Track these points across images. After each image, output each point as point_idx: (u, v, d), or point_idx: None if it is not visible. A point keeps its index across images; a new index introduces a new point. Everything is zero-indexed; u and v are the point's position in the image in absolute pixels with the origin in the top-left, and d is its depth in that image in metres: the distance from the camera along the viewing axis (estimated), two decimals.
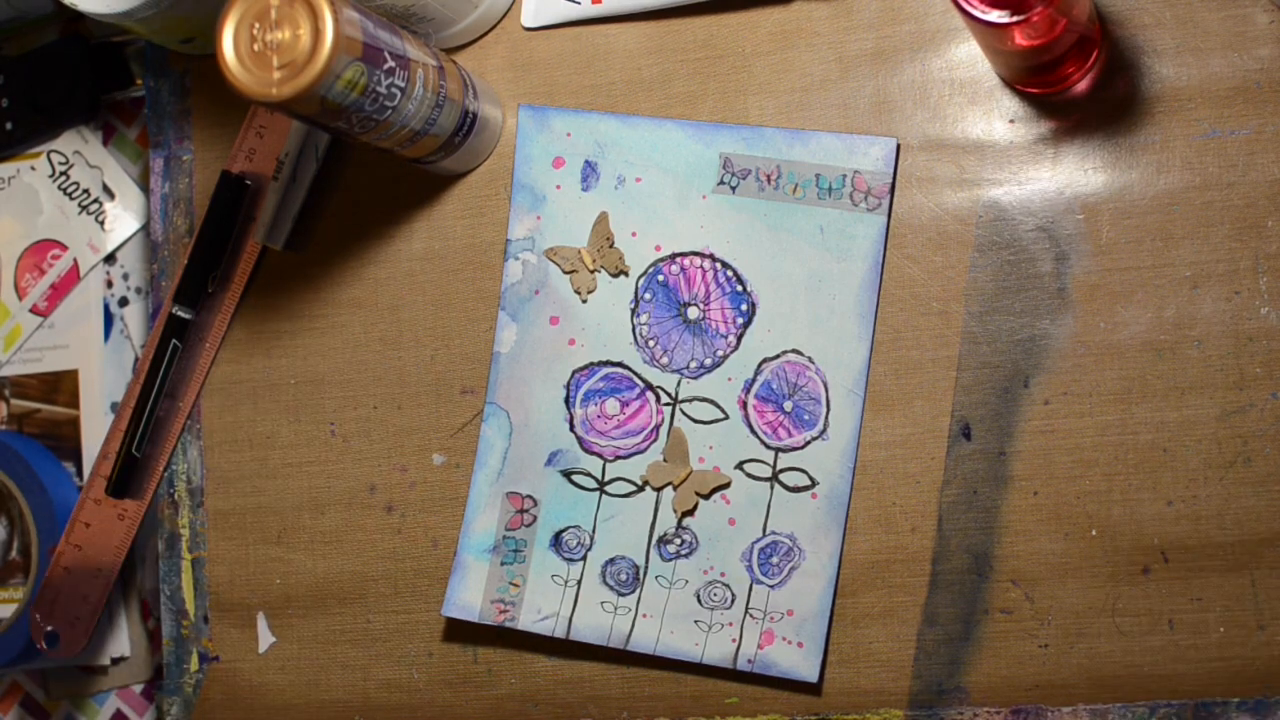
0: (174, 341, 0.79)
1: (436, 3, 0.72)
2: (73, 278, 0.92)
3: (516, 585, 0.73)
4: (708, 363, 0.72)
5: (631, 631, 0.72)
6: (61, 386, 0.92)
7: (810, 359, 0.71)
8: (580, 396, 0.73)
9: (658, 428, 0.72)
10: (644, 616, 0.72)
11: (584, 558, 0.73)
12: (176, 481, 0.80)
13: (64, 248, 0.93)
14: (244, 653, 0.79)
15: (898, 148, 0.70)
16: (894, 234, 0.70)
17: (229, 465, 0.79)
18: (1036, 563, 0.68)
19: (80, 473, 0.91)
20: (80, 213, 0.93)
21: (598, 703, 0.73)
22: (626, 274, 0.73)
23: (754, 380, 0.71)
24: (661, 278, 0.73)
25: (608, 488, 0.73)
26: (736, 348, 0.72)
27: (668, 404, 0.72)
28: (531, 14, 0.76)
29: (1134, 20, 0.68)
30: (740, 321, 0.72)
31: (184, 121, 0.82)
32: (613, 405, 0.73)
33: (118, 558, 0.81)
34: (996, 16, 0.60)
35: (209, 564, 0.79)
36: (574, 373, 0.74)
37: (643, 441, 0.73)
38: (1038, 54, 0.64)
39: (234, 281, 0.80)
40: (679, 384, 0.72)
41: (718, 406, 0.72)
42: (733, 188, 0.72)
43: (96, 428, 0.90)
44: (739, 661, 0.70)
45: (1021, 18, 0.59)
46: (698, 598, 0.71)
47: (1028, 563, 0.68)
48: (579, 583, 0.73)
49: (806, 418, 0.71)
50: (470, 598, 0.74)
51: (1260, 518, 0.66)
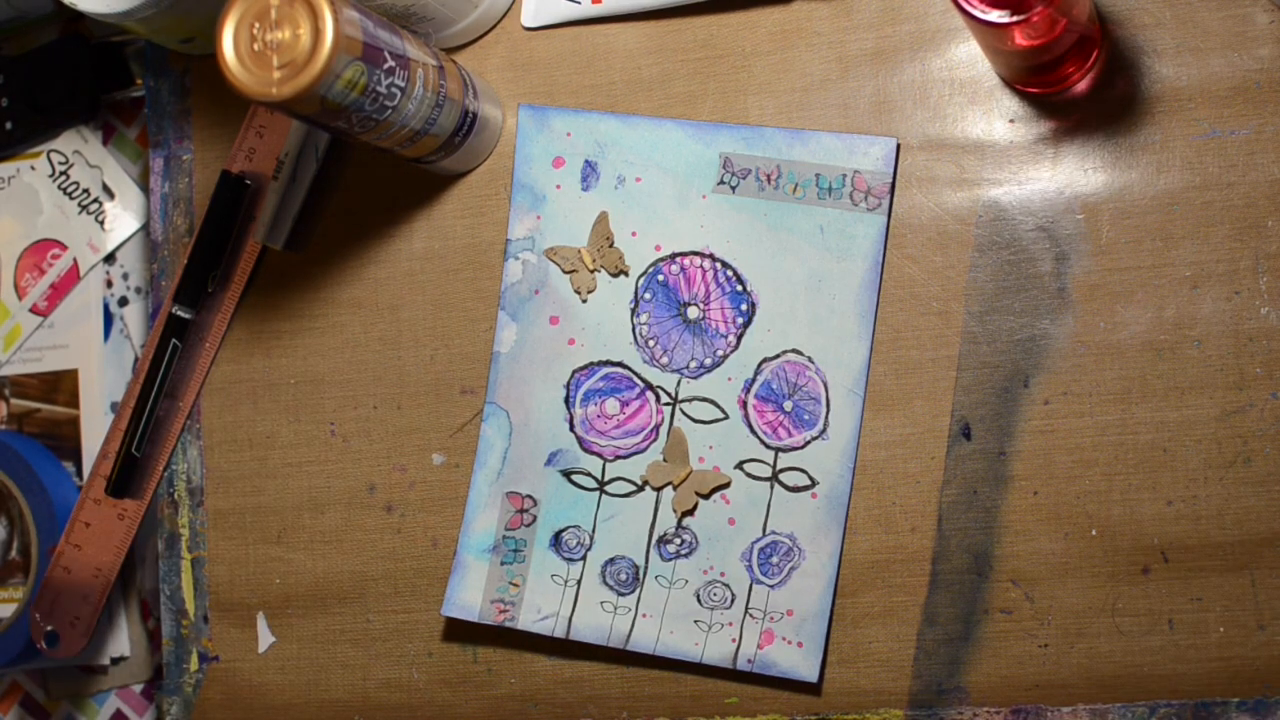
0: (174, 341, 0.79)
1: (436, 3, 0.72)
2: (72, 277, 0.92)
3: (516, 585, 0.73)
4: (708, 362, 0.72)
5: (631, 631, 0.72)
6: (61, 386, 0.92)
7: (810, 359, 0.71)
8: (580, 396, 0.73)
9: (657, 427, 0.72)
10: (644, 616, 0.72)
11: (584, 557, 0.73)
12: (176, 481, 0.80)
13: (64, 247, 0.93)
14: (244, 652, 0.79)
15: (898, 148, 0.70)
16: (894, 234, 0.70)
17: (229, 465, 0.79)
18: (1036, 563, 0.68)
19: (80, 472, 0.91)
20: (80, 212, 0.93)
21: (598, 703, 0.73)
22: (626, 274, 0.73)
23: (754, 380, 0.71)
24: (661, 277, 0.73)
25: (607, 487, 0.73)
26: (736, 347, 0.72)
27: (668, 404, 0.72)
28: (531, 14, 0.76)
29: (1134, 20, 0.68)
30: (740, 321, 0.72)
31: (184, 121, 0.82)
32: (613, 405, 0.73)
33: (118, 557, 0.81)
34: (996, 16, 0.60)
35: (209, 564, 0.79)
36: (574, 372, 0.73)
37: (642, 441, 0.73)
38: (1038, 54, 0.64)
39: (234, 281, 0.80)
40: (679, 384, 0.72)
41: (718, 406, 0.72)
42: (733, 187, 0.72)
43: (96, 427, 0.90)
44: (739, 661, 0.70)
45: (1021, 18, 0.59)
46: (697, 597, 0.71)
47: (1028, 563, 0.68)
48: (579, 582, 0.73)
49: (806, 417, 0.71)
50: (470, 597, 0.74)
51: (1260, 518, 0.66)
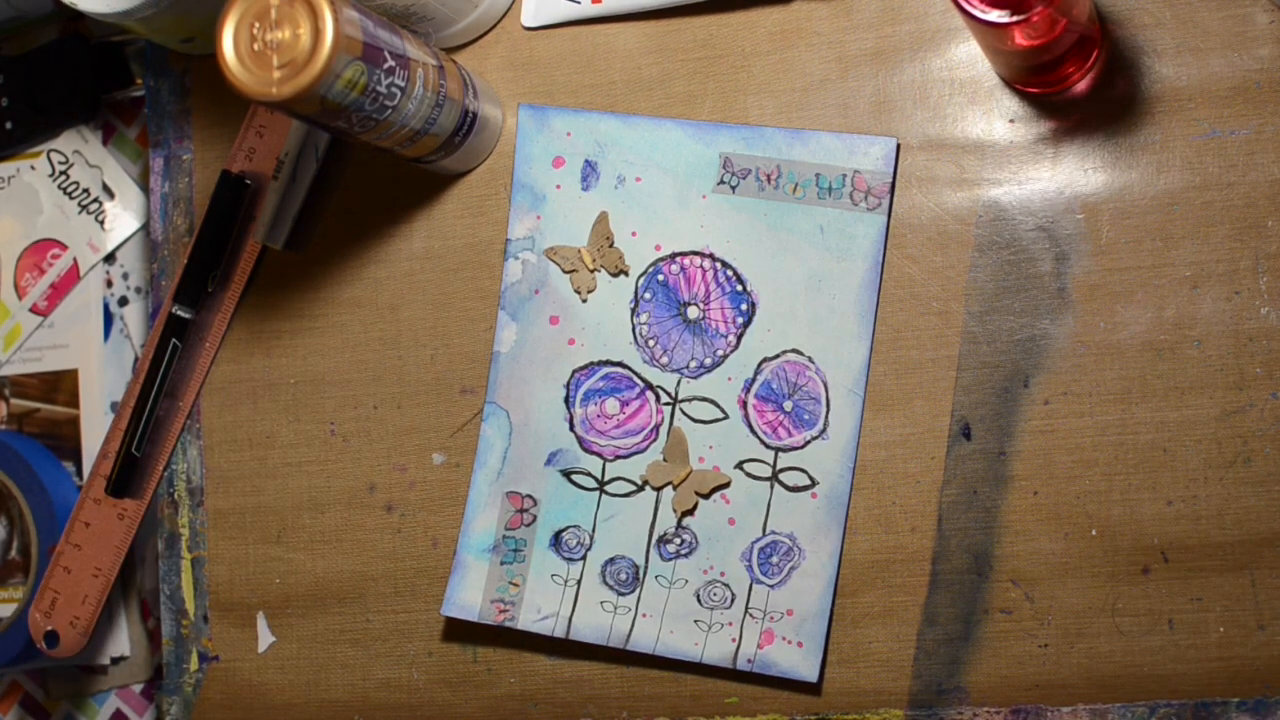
0: (174, 341, 0.79)
1: (436, 2, 0.72)
2: (72, 277, 0.92)
3: (516, 585, 0.73)
4: (708, 362, 0.72)
5: (631, 631, 0.72)
6: (61, 386, 0.92)
7: (810, 359, 0.71)
8: (580, 396, 0.73)
9: (657, 427, 0.72)
10: (644, 616, 0.72)
11: (584, 557, 0.73)
12: (176, 481, 0.80)
13: (64, 247, 0.93)
14: (244, 652, 0.79)
15: (898, 147, 0.70)
16: (894, 234, 0.70)
17: (229, 465, 0.79)
18: (1036, 563, 0.68)
19: (80, 472, 0.91)
20: (80, 212, 0.93)
21: (597, 702, 0.73)
22: (626, 273, 0.73)
23: (754, 380, 0.71)
24: (661, 277, 0.73)
25: (607, 487, 0.73)
26: (736, 347, 0.72)
27: (667, 404, 0.72)
28: (531, 14, 0.76)
29: (1134, 20, 0.68)
30: (740, 321, 0.72)
31: (184, 121, 0.82)
32: (612, 405, 0.73)
33: (118, 557, 0.81)
34: (996, 16, 0.60)
35: (209, 564, 0.79)
36: (574, 372, 0.73)
37: (642, 441, 0.73)
38: (1038, 54, 0.64)
39: (234, 281, 0.80)
40: (679, 384, 0.72)
41: (717, 406, 0.72)
42: (733, 187, 0.72)
43: (96, 427, 0.90)
44: (739, 661, 0.70)
45: (1021, 18, 0.59)
46: (697, 597, 0.71)
47: (1028, 563, 0.68)
48: (579, 582, 0.73)
49: (806, 417, 0.71)
50: (470, 597, 0.74)
51: (1260, 518, 0.66)
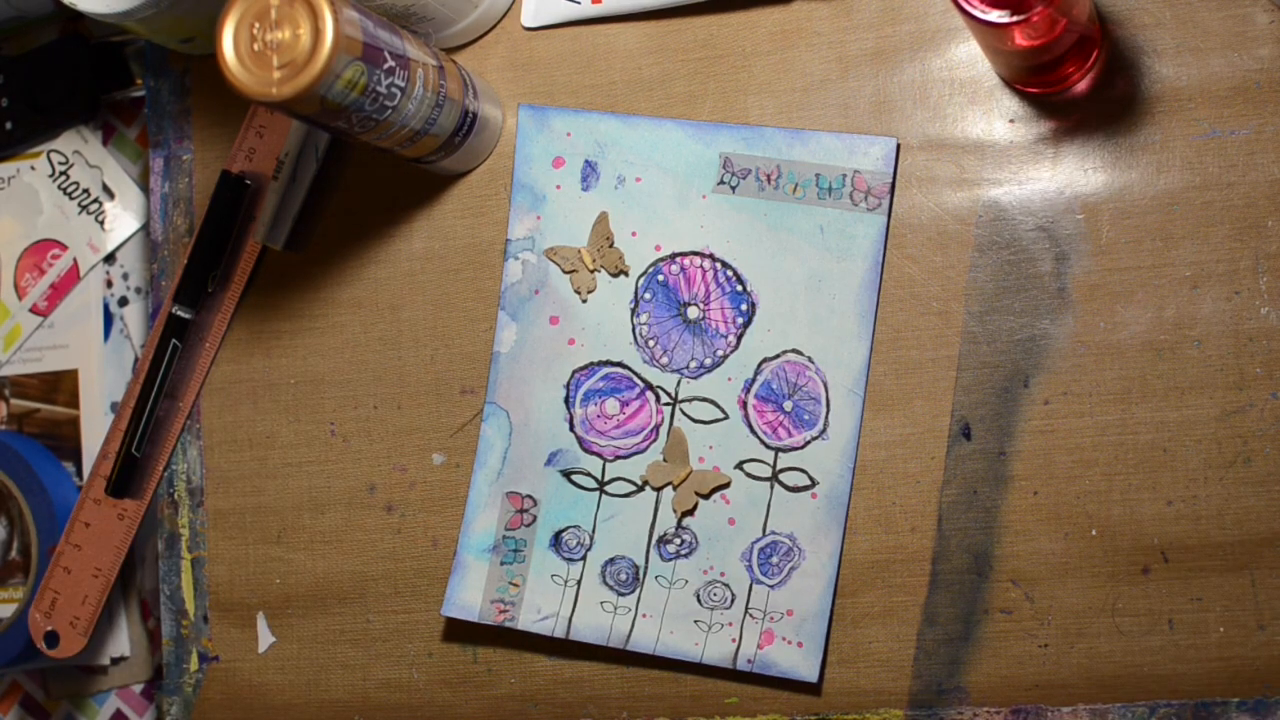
0: (174, 341, 0.79)
1: (436, 3, 0.72)
2: (72, 277, 0.92)
3: (516, 585, 0.73)
4: (708, 362, 0.72)
5: (631, 631, 0.72)
6: (61, 386, 0.92)
7: (810, 359, 0.71)
8: (580, 396, 0.73)
9: (657, 427, 0.72)
10: (644, 616, 0.72)
11: (584, 557, 0.73)
12: (176, 481, 0.80)
13: (64, 247, 0.93)
14: (244, 653, 0.79)
15: (898, 147, 0.70)
16: (894, 234, 0.70)
17: (229, 465, 0.79)
18: (1036, 563, 0.68)
19: (80, 473, 0.91)
20: (80, 212, 0.93)
21: (597, 703, 0.73)
22: (626, 274, 0.73)
23: (754, 380, 0.71)
24: (661, 277, 0.73)
25: (607, 487, 0.73)
26: (736, 347, 0.72)
27: (667, 404, 0.72)
28: (531, 14, 0.76)
29: (1134, 20, 0.68)
30: (740, 321, 0.72)
31: (184, 121, 0.82)
32: (612, 405, 0.73)
33: (118, 557, 0.81)
34: (996, 16, 0.60)
35: (209, 564, 0.79)
36: (574, 372, 0.73)
37: (642, 441, 0.73)
38: (1038, 54, 0.64)
39: (234, 281, 0.80)
40: (679, 384, 0.72)
41: (718, 406, 0.72)
42: (733, 187, 0.72)
43: (96, 427, 0.90)
44: (739, 661, 0.70)
45: (1021, 18, 0.59)
46: (697, 598, 0.71)
47: (1028, 563, 0.68)
48: (579, 582, 0.73)
49: (806, 417, 0.71)
50: (470, 597, 0.74)
51: (1260, 518, 0.66)
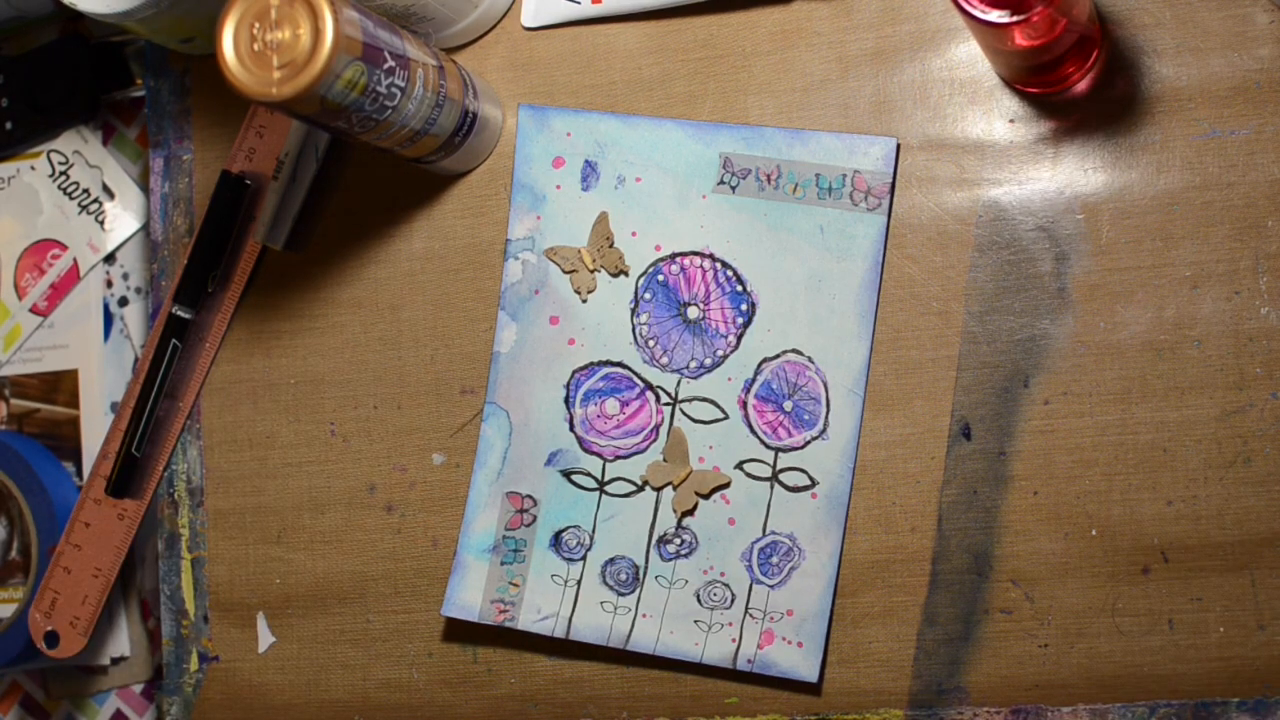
0: (174, 341, 0.79)
1: (436, 3, 0.72)
2: (72, 277, 0.92)
3: (516, 585, 0.73)
4: (708, 362, 0.72)
5: (631, 631, 0.72)
6: (61, 386, 0.92)
7: (810, 359, 0.71)
8: (580, 396, 0.73)
9: (657, 427, 0.72)
10: (644, 616, 0.72)
11: (584, 558, 0.73)
12: (176, 481, 0.80)
13: (64, 247, 0.93)
14: (244, 653, 0.79)
15: (898, 147, 0.70)
16: (894, 234, 0.70)
17: (229, 465, 0.79)
18: (1036, 563, 0.68)
19: (80, 473, 0.91)
20: (80, 212, 0.93)
21: (597, 703, 0.73)
22: (626, 274, 0.73)
23: (754, 380, 0.71)
24: (661, 277, 0.73)
25: (607, 487, 0.73)
26: (736, 347, 0.72)
27: (667, 404, 0.72)
28: (531, 14, 0.76)
29: (1134, 20, 0.68)
30: (740, 321, 0.72)
31: (184, 121, 0.82)
32: (612, 405, 0.73)
33: (118, 557, 0.81)
34: (996, 16, 0.60)
35: (209, 564, 0.79)
36: (574, 372, 0.73)
37: (642, 441, 0.73)
38: (1038, 54, 0.64)
39: (234, 281, 0.80)
40: (679, 384, 0.72)
41: (718, 406, 0.72)
42: (733, 187, 0.72)
43: (96, 428, 0.90)
44: (739, 661, 0.70)
45: (1021, 18, 0.59)
46: (697, 598, 0.71)
47: (1028, 563, 0.68)
48: (579, 583, 0.73)
49: (806, 417, 0.71)
50: (470, 597, 0.74)
51: (1260, 518, 0.66)
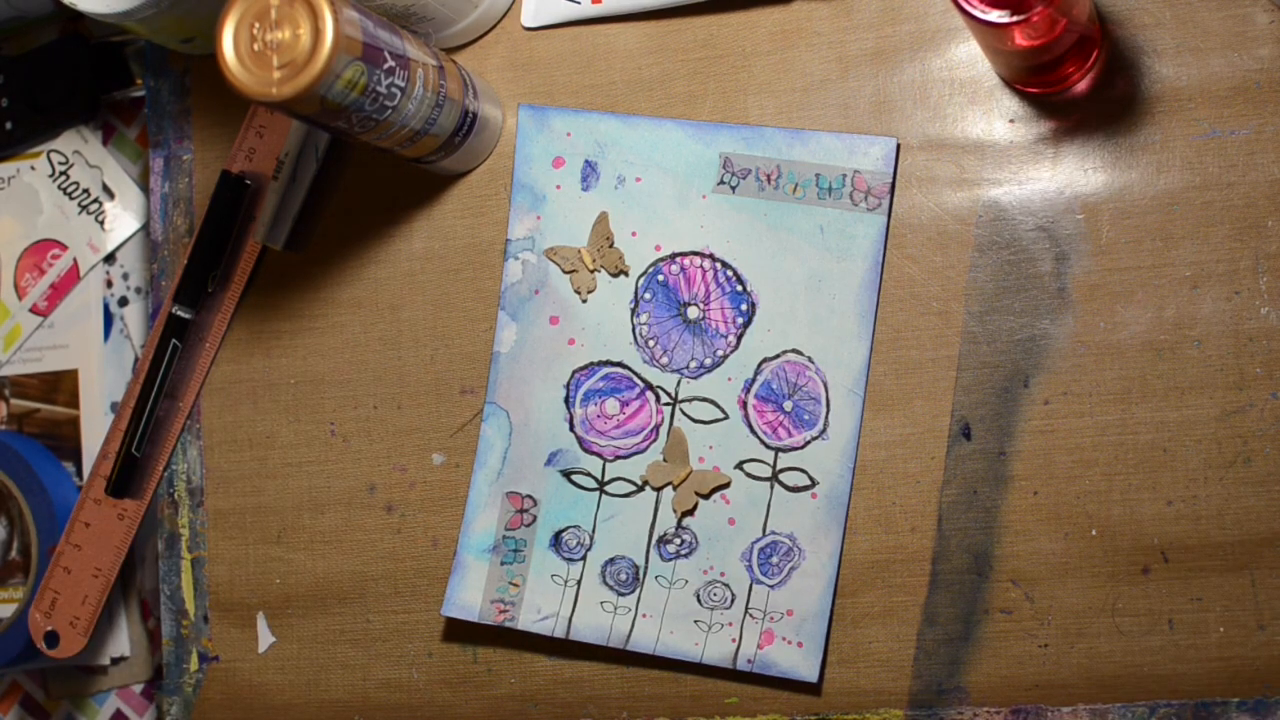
0: (174, 341, 0.79)
1: (436, 3, 0.72)
2: (72, 277, 0.92)
3: (516, 585, 0.73)
4: (708, 362, 0.72)
5: (631, 631, 0.72)
6: (61, 386, 0.92)
7: (810, 359, 0.71)
8: (580, 396, 0.73)
9: (657, 427, 0.72)
10: (644, 616, 0.72)
11: (584, 558, 0.73)
12: (176, 481, 0.80)
13: (64, 247, 0.93)
14: (244, 652, 0.79)
15: (898, 147, 0.70)
16: (894, 234, 0.70)
17: (229, 465, 0.79)
18: (1036, 563, 0.68)
19: (80, 473, 0.91)
20: (80, 212, 0.93)
21: (597, 703, 0.73)
22: (626, 274, 0.73)
23: (754, 380, 0.71)
24: (661, 277, 0.73)
25: (607, 487, 0.73)
26: (736, 347, 0.72)
27: (667, 404, 0.72)
28: (531, 14, 0.76)
29: (1134, 20, 0.68)
30: (740, 321, 0.72)
31: (184, 121, 0.82)
32: (612, 405, 0.73)
33: (118, 557, 0.81)
34: (996, 16, 0.60)
35: (209, 564, 0.79)
36: (574, 372, 0.73)
37: (642, 441, 0.73)
38: (1038, 54, 0.64)
39: (234, 281, 0.80)
40: (679, 384, 0.72)
41: (718, 406, 0.72)
42: (733, 187, 0.72)
43: (96, 428, 0.90)
44: (739, 661, 0.70)
45: (1021, 18, 0.59)
46: (697, 598, 0.71)
47: (1028, 563, 0.68)
48: (579, 583, 0.73)
49: (806, 417, 0.71)
50: (470, 597, 0.74)
51: (1260, 518, 0.66)
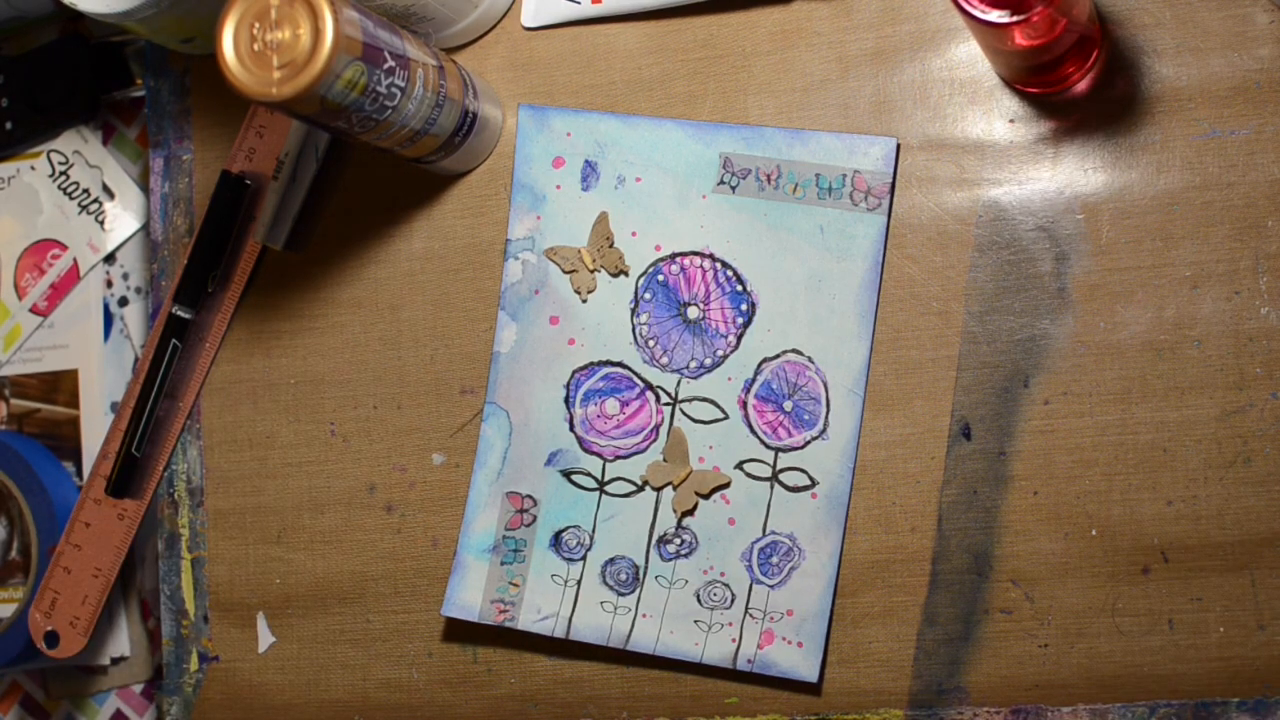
0: (174, 341, 0.79)
1: (436, 3, 0.72)
2: (72, 277, 0.92)
3: (516, 585, 0.73)
4: (708, 362, 0.72)
5: (631, 631, 0.72)
6: (61, 386, 0.92)
7: (810, 359, 0.71)
8: (580, 396, 0.73)
9: (657, 427, 0.72)
10: (644, 616, 0.72)
11: (584, 557, 0.73)
12: (176, 481, 0.80)
13: (64, 247, 0.93)
14: (244, 652, 0.79)
15: (898, 147, 0.70)
16: (894, 234, 0.70)
17: (229, 465, 0.79)
18: (1036, 563, 0.68)
19: (80, 473, 0.91)
20: (80, 212, 0.93)
21: (597, 703, 0.73)
22: (626, 274, 0.73)
23: (754, 380, 0.71)
24: (661, 277, 0.73)
25: (607, 487, 0.73)
26: (736, 347, 0.72)
27: (667, 404, 0.72)
28: (531, 14, 0.76)
29: (1134, 20, 0.68)
30: (740, 321, 0.72)
31: (184, 121, 0.82)
32: (612, 405, 0.73)
33: (118, 557, 0.81)
34: (996, 16, 0.60)
35: (209, 564, 0.79)
36: (574, 372, 0.73)
37: (642, 441, 0.73)
38: (1038, 54, 0.64)
39: (234, 281, 0.80)
40: (679, 384, 0.72)
41: (718, 406, 0.72)
42: (733, 187, 0.72)
43: (96, 427, 0.90)
44: (739, 661, 0.70)
45: (1021, 18, 0.59)
46: (697, 597, 0.71)
47: (1028, 563, 0.68)
48: (579, 582, 0.73)
49: (806, 417, 0.71)
50: (470, 597, 0.74)
51: (1260, 518, 0.66)
